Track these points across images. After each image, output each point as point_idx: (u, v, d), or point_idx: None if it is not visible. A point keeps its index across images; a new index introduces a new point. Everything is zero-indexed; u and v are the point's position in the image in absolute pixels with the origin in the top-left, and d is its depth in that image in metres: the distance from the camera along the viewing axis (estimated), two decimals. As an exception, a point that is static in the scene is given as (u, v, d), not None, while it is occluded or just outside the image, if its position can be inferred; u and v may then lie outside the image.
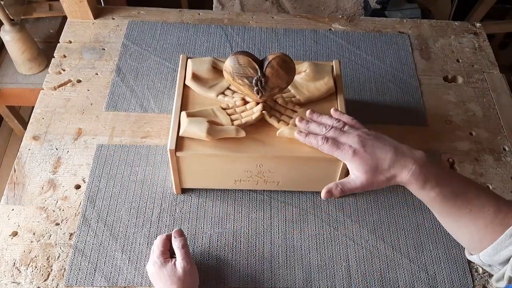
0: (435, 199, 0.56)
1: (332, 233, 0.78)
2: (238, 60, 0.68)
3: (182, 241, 0.68)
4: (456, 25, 1.14)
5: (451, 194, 0.56)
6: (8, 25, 1.22)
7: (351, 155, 0.58)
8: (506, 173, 0.88)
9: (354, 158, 0.58)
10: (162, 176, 0.83)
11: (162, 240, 0.69)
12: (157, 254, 0.67)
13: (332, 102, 0.79)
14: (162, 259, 0.67)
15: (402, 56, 1.06)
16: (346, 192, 0.59)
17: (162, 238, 0.69)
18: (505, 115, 0.97)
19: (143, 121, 0.91)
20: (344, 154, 0.59)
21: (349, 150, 0.59)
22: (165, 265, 0.66)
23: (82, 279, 0.72)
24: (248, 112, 0.74)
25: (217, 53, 1.04)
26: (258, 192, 0.82)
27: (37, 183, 0.82)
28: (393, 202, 0.82)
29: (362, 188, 0.58)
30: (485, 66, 1.06)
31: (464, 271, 0.75)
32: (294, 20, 1.13)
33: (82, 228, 0.77)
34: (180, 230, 0.70)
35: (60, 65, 1.00)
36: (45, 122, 0.90)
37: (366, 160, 0.58)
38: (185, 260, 0.66)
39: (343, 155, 0.59)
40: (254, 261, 0.75)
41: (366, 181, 0.58)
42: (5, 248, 0.74)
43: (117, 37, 1.05)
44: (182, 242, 0.68)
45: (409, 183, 0.57)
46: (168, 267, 0.66)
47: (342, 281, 0.74)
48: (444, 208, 0.57)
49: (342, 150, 0.60)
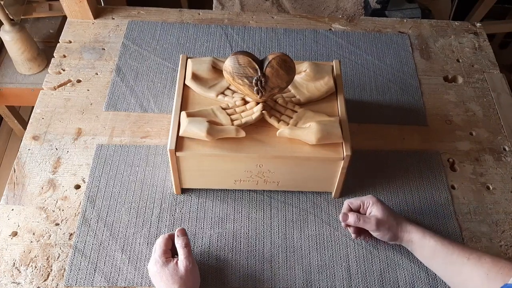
0: (436, 247, 0.68)
1: (332, 233, 0.78)
2: (238, 60, 0.68)
3: (185, 240, 0.68)
4: (456, 25, 1.14)
5: (449, 243, 0.67)
6: (8, 25, 1.22)
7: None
8: (506, 173, 0.88)
9: None
10: (162, 176, 0.83)
11: (164, 239, 0.69)
12: (158, 253, 0.67)
13: (332, 102, 0.78)
14: (164, 258, 0.66)
15: (402, 56, 1.06)
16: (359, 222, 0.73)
17: (164, 237, 0.69)
18: (505, 115, 0.97)
19: (143, 121, 0.91)
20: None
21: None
22: (167, 264, 0.66)
23: (82, 279, 0.72)
24: (248, 112, 0.74)
25: (217, 53, 1.04)
26: (258, 192, 0.82)
27: (37, 183, 0.82)
28: (393, 202, 0.82)
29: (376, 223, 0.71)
30: (485, 66, 1.06)
31: (464, 271, 0.75)
32: (294, 20, 1.13)
33: (82, 228, 0.77)
34: (183, 229, 0.70)
35: (60, 65, 1.00)
36: (45, 122, 0.90)
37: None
38: (187, 259, 0.66)
39: None
40: (254, 261, 0.75)
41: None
42: (5, 248, 0.74)
43: (117, 37, 1.05)
44: (185, 241, 0.68)
45: (412, 232, 0.71)
46: (170, 266, 0.66)
47: (342, 281, 0.73)
48: (446, 257, 0.67)
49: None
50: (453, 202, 0.83)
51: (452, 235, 0.79)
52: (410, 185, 0.85)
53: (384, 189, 0.84)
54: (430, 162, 0.88)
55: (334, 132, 0.72)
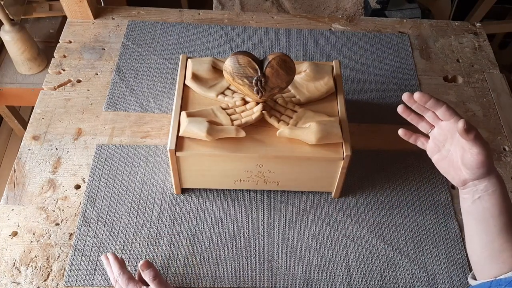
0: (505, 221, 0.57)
1: (332, 233, 0.78)
2: (238, 60, 0.68)
3: (153, 272, 0.64)
4: (456, 25, 1.14)
5: None
6: (8, 25, 1.22)
7: None
8: (506, 173, 0.88)
9: None
10: (162, 176, 0.83)
11: (125, 278, 0.64)
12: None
13: (332, 102, 0.78)
14: None
15: (402, 56, 1.06)
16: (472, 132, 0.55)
17: (124, 277, 0.64)
18: (505, 115, 0.97)
19: (143, 121, 0.91)
20: None
21: None
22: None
23: (82, 279, 0.72)
24: (248, 112, 0.74)
25: (217, 53, 1.04)
26: (258, 192, 0.82)
27: (37, 183, 0.82)
28: (393, 202, 0.82)
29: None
30: (485, 66, 1.06)
31: (464, 271, 0.75)
32: (294, 20, 1.13)
33: (82, 228, 0.77)
34: (146, 262, 0.64)
35: (60, 65, 1.00)
36: (45, 122, 0.90)
37: None
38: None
39: None
40: (254, 261, 0.75)
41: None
42: (5, 248, 0.74)
43: (117, 37, 1.05)
44: (152, 273, 0.63)
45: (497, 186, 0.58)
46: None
47: (342, 281, 0.74)
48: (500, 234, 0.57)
49: None
50: (453, 202, 0.83)
51: (452, 235, 0.79)
52: (410, 185, 0.85)
53: (384, 189, 0.84)
54: (430, 162, 0.88)
55: (334, 132, 0.72)
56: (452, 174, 0.61)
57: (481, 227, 0.59)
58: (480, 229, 0.59)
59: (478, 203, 0.59)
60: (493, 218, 0.58)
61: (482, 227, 0.59)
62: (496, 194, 0.58)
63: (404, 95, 0.60)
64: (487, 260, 0.58)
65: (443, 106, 0.59)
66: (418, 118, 0.63)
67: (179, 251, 0.75)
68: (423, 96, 0.59)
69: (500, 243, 0.57)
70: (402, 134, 0.65)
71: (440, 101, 0.59)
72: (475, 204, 0.59)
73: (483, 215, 0.58)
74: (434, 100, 0.59)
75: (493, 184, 0.58)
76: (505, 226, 0.57)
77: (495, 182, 0.58)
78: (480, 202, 0.58)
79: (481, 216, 0.59)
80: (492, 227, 0.58)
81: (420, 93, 0.59)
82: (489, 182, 0.58)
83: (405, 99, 0.61)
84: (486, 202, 0.58)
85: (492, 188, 0.58)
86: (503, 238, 0.57)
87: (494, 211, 0.58)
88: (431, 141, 0.63)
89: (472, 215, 0.60)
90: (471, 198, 0.59)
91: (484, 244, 0.59)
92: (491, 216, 0.58)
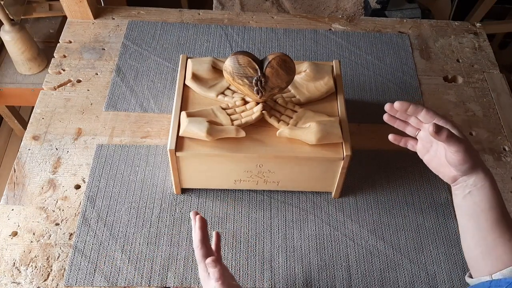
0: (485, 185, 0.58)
1: (332, 233, 0.78)
2: (238, 60, 0.68)
3: (217, 273, 0.58)
4: (456, 25, 1.14)
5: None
6: (8, 25, 1.22)
7: None
8: (506, 173, 0.88)
9: None
10: (162, 176, 0.83)
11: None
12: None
13: (332, 102, 0.78)
14: None
15: (402, 56, 1.06)
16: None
17: (199, 252, 0.61)
18: (505, 115, 0.97)
19: (143, 121, 0.91)
20: None
21: None
22: None
23: (82, 279, 0.72)
24: (248, 112, 0.74)
25: (217, 53, 1.04)
26: (258, 192, 0.82)
27: (37, 183, 0.82)
28: (393, 202, 0.82)
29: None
30: (485, 66, 1.06)
31: (464, 271, 0.75)
32: (294, 20, 1.13)
33: (82, 228, 0.77)
34: (213, 260, 0.58)
35: (60, 65, 1.00)
36: (45, 122, 0.90)
37: None
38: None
39: None
40: (254, 261, 0.75)
41: None
42: (5, 248, 0.74)
43: (117, 37, 1.05)
44: (217, 274, 0.58)
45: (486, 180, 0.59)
46: None
47: (342, 281, 0.74)
48: (493, 227, 0.58)
49: None
50: (453, 202, 0.83)
51: (452, 235, 0.79)
52: (410, 185, 0.85)
53: (384, 189, 0.84)
54: (430, 162, 0.88)
55: (334, 132, 0.72)
56: (442, 172, 0.63)
57: (473, 223, 0.60)
58: (472, 225, 0.60)
59: (469, 198, 0.60)
60: (484, 213, 0.59)
61: (474, 222, 0.60)
62: (485, 189, 0.59)
63: (386, 106, 0.63)
64: (480, 256, 0.59)
65: (423, 110, 0.61)
66: (404, 123, 0.66)
67: (179, 251, 0.75)
68: (402, 105, 0.62)
69: (492, 238, 0.58)
70: (392, 139, 0.68)
71: (419, 106, 0.62)
72: (466, 199, 0.60)
73: (474, 210, 0.60)
74: (413, 106, 0.62)
75: (481, 179, 0.59)
76: (496, 221, 0.58)
77: (483, 177, 0.59)
78: (471, 197, 0.60)
79: (472, 211, 0.60)
80: (484, 222, 0.59)
81: (399, 102, 0.62)
82: (477, 177, 0.59)
83: (387, 109, 0.64)
84: (475, 196, 0.59)
85: (480, 183, 0.59)
86: (495, 233, 0.58)
87: (485, 205, 0.59)
88: (419, 143, 0.66)
89: (464, 211, 0.61)
90: (461, 194, 0.61)
91: (477, 240, 0.59)
92: (481, 211, 0.59)
